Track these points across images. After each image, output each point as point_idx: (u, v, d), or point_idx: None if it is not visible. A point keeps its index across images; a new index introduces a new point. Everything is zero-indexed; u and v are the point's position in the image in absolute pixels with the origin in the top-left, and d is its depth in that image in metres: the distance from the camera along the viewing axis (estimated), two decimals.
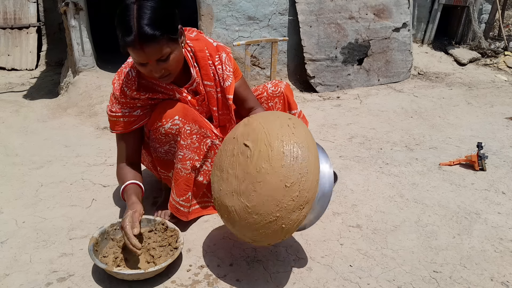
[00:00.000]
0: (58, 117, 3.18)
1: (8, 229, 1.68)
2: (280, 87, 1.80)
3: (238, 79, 1.69)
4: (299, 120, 1.36)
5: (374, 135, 2.84)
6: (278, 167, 1.19)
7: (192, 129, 1.56)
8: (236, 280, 1.41)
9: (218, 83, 1.65)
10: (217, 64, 1.63)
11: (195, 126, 1.57)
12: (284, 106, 1.81)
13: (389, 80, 4.33)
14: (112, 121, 1.59)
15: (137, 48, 1.32)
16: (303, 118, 1.90)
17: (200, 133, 1.59)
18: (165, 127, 1.52)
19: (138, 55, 1.35)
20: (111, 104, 1.58)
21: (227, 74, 1.63)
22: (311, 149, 1.25)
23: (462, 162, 2.32)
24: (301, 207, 1.20)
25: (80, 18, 3.64)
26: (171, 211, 1.66)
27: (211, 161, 1.66)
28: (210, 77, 1.63)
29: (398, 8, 4.34)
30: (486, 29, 5.54)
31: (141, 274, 1.33)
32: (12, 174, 2.18)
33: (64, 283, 1.38)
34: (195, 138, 1.58)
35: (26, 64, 5.15)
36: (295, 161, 1.20)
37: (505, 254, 1.55)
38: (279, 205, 1.19)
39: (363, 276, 1.43)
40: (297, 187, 1.19)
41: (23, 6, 5.30)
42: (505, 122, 3.14)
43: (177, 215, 1.65)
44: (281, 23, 4.04)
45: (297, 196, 1.19)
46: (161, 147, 1.61)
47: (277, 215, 1.19)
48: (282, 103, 1.80)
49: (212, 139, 1.64)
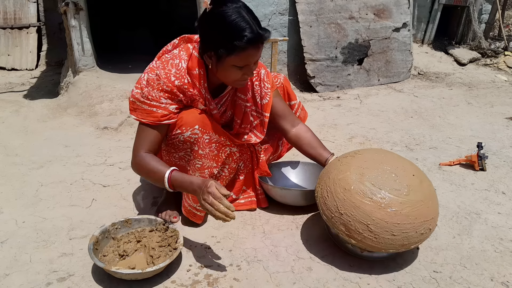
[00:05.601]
0: (58, 117, 3.18)
1: (8, 229, 1.68)
2: (279, 78, 1.86)
3: (273, 91, 1.72)
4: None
5: (374, 135, 2.84)
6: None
7: (212, 138, 1.58)
8: (236, 280, 1.41)
9: (251, 99, 1.67)
10: (254, 80, 1.65)
11: (215, 135, 1.59)
12: (284, 97, 1.84)
13: (389, 80, 4.33)
14: (145, 109, 1.48)
15: (256, 47, 1.38)
16: (302, 109, 1.95)
17: (219, 141, 1.61)
18: (185, 135, 1.53)
19: (251, 56, 1.40)
20: (148, 90, 1.47)
21: (265, 92, 1.65)
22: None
23: (462, 162, 2.32)
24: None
25: (80, 18, 3.64)
26: (186, 216, 1.69)
27: (229, 167, 1.71)
28: (245, 91, 1.65)
29: (398, 8, 4.34)
30: (486, 29, 5.54)
31: (139, 274, 1.33)
32: (12, 174, 2.18)
33: (64, 283, 1.38)
34: (214, 147, 1.60)
35: (26, 64, 5.15)
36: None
37: (505, 254, 1.55)
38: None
39: (363, 276, 1.43)
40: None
41: (23, 6, 5.30)
42: (505, 122, 3.14)
43: (193, 219, 1.69)
44: (281, 23, 4.04)
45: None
46: (177, 152, 1.61)
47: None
48: (282, 94, 1.83)
49: (231, 147, 1.66)
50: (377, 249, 1.35)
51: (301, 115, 1.95)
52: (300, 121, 1.81)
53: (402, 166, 1.45)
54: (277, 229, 1.71)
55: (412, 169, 1.46)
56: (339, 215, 1.38)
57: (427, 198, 1.38)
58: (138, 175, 2.16)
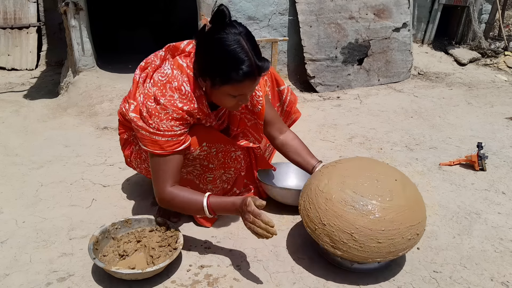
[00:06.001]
0: (58, 117, 3.18)
1: (8, 229, 1.68)
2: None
3: (264, 97, 1.71)
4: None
5: (374, 135, 2.84)
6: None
7: (218, 149, 1.59)
8: (236, 280, 1.41)
9: (245, 107, 1.66)
10: None
11: (220, 145, 1.59)
12: (273, 83, 1.83)
13: (389, 80, 4.32)
14: (157, 140, 1.40)
15: (253, 80, 1.33)
16: (291, 93, 1.90)
17: (225, 150, 1.62)
18: (194, 154, 1.53)
19: (246, 87, 1.35)
20: (155, 121, 1.38)
21: (256, 100, 1.64)
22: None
23: (462, 162, 2.32)
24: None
25: (80, 18, 3.64)
26: (200, 223, 1.72)
27: (235, 169, 1.73)
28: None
29: (398, 8, 4.34)
30: (486, 29, 5.54)
31: (139, 274, 1.33)
32: (12, 174, 2.18)
33: (64, 283, 1.38)
34: (221, 156, 1.62)
35: (26, 64, 5.15)
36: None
37: (505, 254, 1.55)
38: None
39: (363, 276, 1.43)
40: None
41: (23, 6, 5.30)
42: (505, 122, 3.14)
43: (205, 225, 1.72)
44: (281, 23, 4.04)
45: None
46: (185, 168, 1.59)
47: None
48: (271, 81, 1.83)
49: (235, 152, 1.67)
50: (363, 259, 1.31)
51: (291, 99, 1.90)
52: (288, 128, 1.79)
53: (385, 172, 1.42)
54: (277, 229, 1.70)
55: (394, 174, 1.42)
56: (322, 226, 1.35)
57: (412, 202, 1.35)
58: (138, 175, 2.16)
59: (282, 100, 1.88)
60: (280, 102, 1.88)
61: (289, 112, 1.93)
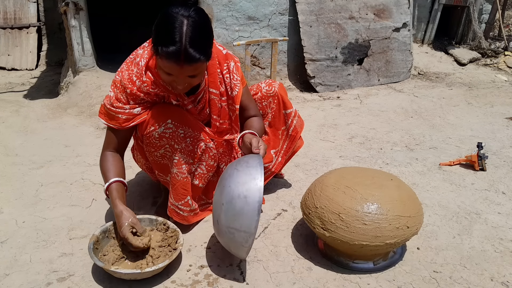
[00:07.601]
0: (58, 117, 3.18)
1: (8, 229, 1.68)
2: (274, 86, 1.80)
3: (243, 87, 1.68)
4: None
5: (374, 135, 2.84)
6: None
7: (186, 132, 1.55)
8: (236, 280, 1.41)
9: (224, 92, 1.64)
10: (225, 73, 1.62)
11: (189, 129, 1.56)
12: (279, 106, 1.81)
13: (389, 80, 4.32)
14: (110, 114, 1.54)
15: (178, 64, 1.31)
16: (298, 117, 1.88)
17: (193, 136, 1.57)
18: (158, 131, 1.51)
19: (173, 69, 1.33)
20: (113, 96, 1.53)
21: (234, 83, 1.63)
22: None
23: (462, 162, 2.32)
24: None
25: (80, 18, 3.64)
26: (170, 215, 1.66)
27: (206, 165, 1.65)
28: (217, 85, 1.62)
29: (398, 8, 4.34)
30: (486, 29, 5.54)
31: (138, 274, 1.33)
32: (12, 174, 2.18)
33: (64, 283, 1.38)
34: (189, 141, 1.57)
35: (26, 64, 5.15)
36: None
37: (505, 254, 1.55)
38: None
39: (363, 276, 1.43)
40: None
41: (23, 6, 5.30)
42: (505, 122, 3.14)
43: (177, 219, 1.65)
44: (281, 23, 4.04)
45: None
46: (156, 151, 1.57)
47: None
48: (277, 103, 1.80)
49: (206, 143, 1.61)
50: (349, 240, 1.35)
51: (297, 124, 1.87)
52: (261, 114, 1.78)
53: (383, 175, 1.52)
54: (277, 229, 1.71)
55: (391, 177, 1.51)
56: (314, 209, 1.45)
57: (403, 197, 1.41)
58: (138, 175, 2.16)
59: (287, 124, 1.84)
60: (286, 126, 1.84)
61: (294, 137, 1.87)
